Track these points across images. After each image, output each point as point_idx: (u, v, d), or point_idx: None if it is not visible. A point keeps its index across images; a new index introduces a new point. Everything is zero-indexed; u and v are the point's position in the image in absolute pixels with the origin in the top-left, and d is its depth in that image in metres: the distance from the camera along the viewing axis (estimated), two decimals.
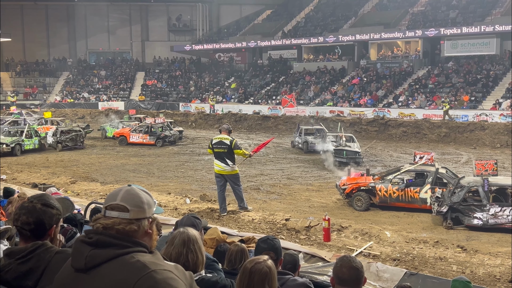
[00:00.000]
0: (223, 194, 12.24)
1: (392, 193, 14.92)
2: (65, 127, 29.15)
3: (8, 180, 16.30)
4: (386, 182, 15.21)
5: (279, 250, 4.27)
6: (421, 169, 15.37)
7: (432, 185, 14.58)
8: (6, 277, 2.48)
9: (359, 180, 15.70)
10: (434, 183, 14.65)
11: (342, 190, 15.62)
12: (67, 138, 27.87)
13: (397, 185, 14.99)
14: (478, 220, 12.76)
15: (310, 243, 9.70)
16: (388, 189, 14.99)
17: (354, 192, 15.31)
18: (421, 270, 8.13)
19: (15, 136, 25.05)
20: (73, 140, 28.16)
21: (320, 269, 7.32)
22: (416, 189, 14.70)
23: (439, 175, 14.83)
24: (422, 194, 14.61)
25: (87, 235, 2.11)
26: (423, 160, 15.67)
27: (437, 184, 14.71)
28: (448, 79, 37.70)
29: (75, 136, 28.31)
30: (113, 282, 1.98)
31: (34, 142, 25.60)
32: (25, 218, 2.55)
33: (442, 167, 15.95)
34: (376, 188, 15.09)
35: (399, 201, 14.88)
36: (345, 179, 16.06)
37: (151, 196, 2.22)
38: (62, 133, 27.97)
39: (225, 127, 12.41)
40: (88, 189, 15.18)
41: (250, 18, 56.82)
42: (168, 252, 3.25)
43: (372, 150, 27.44)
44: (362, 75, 41.95)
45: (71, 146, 27.85)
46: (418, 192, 14.65)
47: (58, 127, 29.02)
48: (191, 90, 49.10)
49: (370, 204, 15.20)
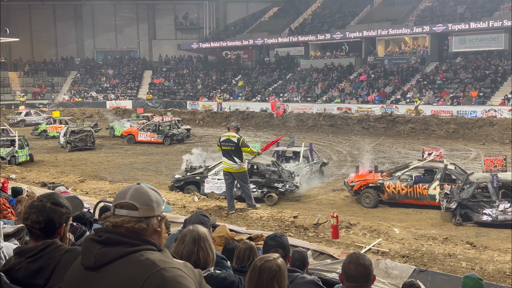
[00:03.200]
0: (231, 191, 12.25)
1: (401, 190, 14.90)
2: (76, 128, 28.66)
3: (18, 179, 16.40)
4: (394, 178, 15.17)
5: (287, 247, 4.27)
6: (430, 165, 15.33)
7: (441, 181, 14.54)
8: (17, 275, 2.50)
9: (367, 177, 15.65)
10: (443, 179, 14.60)
11: (350, 187, 15.60)
12: (77, 139, 27.56)
13: (406, 182, 14.94)
14: (487, 216, 12.71)
15: (319, 240, 9.69)
16: (397, 185, 14.97)
17: (362, 189, 15.32)
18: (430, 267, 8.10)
19: (8, 147, 23.00)
20: (82, 140, 27.77)
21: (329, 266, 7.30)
22: (425, 185, 14.66)
23: (448, 171, 14.77)
24: (431, 191, 14.56)
25: (97, 233, 2.12)
26: (432, 156, 15.62)
27: (445, 180, 14.66)
28: (456, 75, 37.49)
29: (85, 136, 27.89)
30: (122, 280, 1.99)
31: (26, 153, 23.32)
32: (35, 217, 2.57)
33: (451, 163, 15.90)
34: (385, 184, 15.07)
35: (408, 198, 14.86)
36: (353, 176, 16.03)
37: (160, 194, 2.23)
38: (72, 133, 27.74)
39: (233, 125, 12.43)
40: (97, 188, 15.24)
41: (256, 16, 56.75)
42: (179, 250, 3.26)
43: (380, 147, 27.37)
44: (369, 72, 41.80)
45: (80, 146, 27.51)
46: (427, 189, 14.61)
47: (68, 127, 28.74)
48: (199, 88, 49.15)
49: (378, 201, 15.18)
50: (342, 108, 37.15)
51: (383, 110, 34.94)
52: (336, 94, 40.00)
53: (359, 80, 41.33)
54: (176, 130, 30.33)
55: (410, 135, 31.16)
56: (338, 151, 26.58)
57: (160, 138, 29.29)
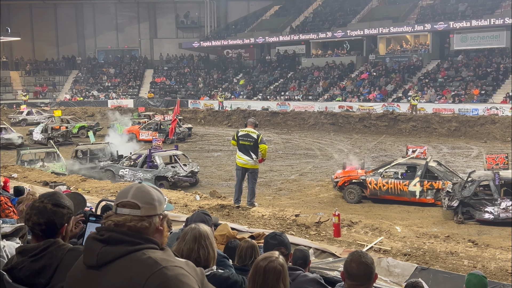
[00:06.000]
0: (241, 185, 12.25)
1: (382, 186, 15.13)
2: (54, 124, 30.51)
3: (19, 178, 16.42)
4: (376, 175, 15.37)
5: (288, 244, 4.29)
6: (412, 162, 15.56)
7: (421, 178, 14.70)
8: (19, 274, 2.50)
9: (351, 173, 15.95)
10: (424, 176, 14.74)
11: (335, 182, 15.86)
12: (58, 134, 29.55)
13: (388, 178, 15.12)
14: (489, 214, 12.70)
15: (320, 239, 9.68)
16: (378, 182, 15.18)
17: (346, 184, 15.60)
18: (432, 265, 8.10)
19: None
20: (63, 136, 29.76)
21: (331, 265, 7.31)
22: (406, 182, 14.83)
23: (429, 168, 14.88)
24: (411, 187, 14.76)
25: (99, 232, 2.12)
26: (416, 153, 15.90)
27: (427, 177, 14.79)
28: (457, 73, 37.44)
29: (66, 132, 29.95)
30: (124, 279, 2.00)
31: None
32: (36, 218, 2.57)
33: (434, 161, 16.06)
34: (367, 181, 15.32)
35: (389, 194, 15.09)
36: (340, 172, 16.34)
37: (161, 193, 2.23)
38: (53, 130, 29.53)
39: (251, 121, 12.40)
40: (99, 187, 15.25)
41: (258, 14, 56.70)
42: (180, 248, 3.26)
43: (382, 145, 27.35)
44: (371, 70, 41.76)
45: (61, 141, 29.06)
46: (407, 185, 14.77)
47: (47, 124, 30.36)
48: (200, 87, 49.15)
49: (362, 196, 15.41)
50: (344, 106, 37.12)
51: (385, 108, 34.89)
52: (337, 93, 39.96)
53: (361, 78, 41.29)
54: (178, 129, 30.32)
55: (412, 133, 31.14)
56: (340, 149, 26.57)
57: (161, 137, 29.26)
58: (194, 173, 18.44)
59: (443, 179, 14.62)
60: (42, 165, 19.58)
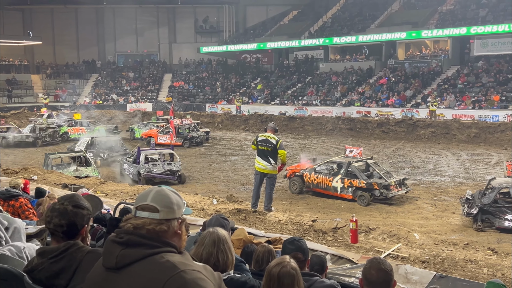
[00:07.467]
0: (259, 190, 12.25)
1: (314, 180, 16.79)
2: (42, 125, 32.08)
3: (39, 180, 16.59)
4: (311, 170, 16.95)
5: (306, 250, 4.26)
6: (340, 161, 17.15)
7: (343, 176, 16.10)
8: (39, 276, 2.53)
9: (297, 166, 17.96)
10: (345, 174, 16.12)
11: (285, 173, 17.53)
12: (46, 135, 31.08)
13: (318, 173, 16.80)
14: (509, 222, 12.51)
15: (337, 245, 9.64)
16: (311, 176, 16.83)
17: (292, 176, 17.47)
18: (451, 273, 8.00)
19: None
20: (51, 136, 31.30)
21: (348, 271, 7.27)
22: (331, 178, 16.41)
23: (350, 168, 16.17)
24: (334, 183, 16.27)
25: (118, 235, 2.14)
26: (353, 153, 17.28)
27: (348, 175, 16.12)
28: (478, 79, 37.05)
29: (53, 132, 31.57)
30: (143, 282, 2.01)
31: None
32: (57, 220, 2.60)
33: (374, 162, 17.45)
34: (304, 174, 17.02)
35: (318, 187, 16.72)
36: (295, 165, 18.30)
37: (180, 197, 2.24)
38: (41, 130, 31.08)
39: (271, 126, 12.44)
40: (117, 189, 15.35)
41: (276, 19, 56.76)
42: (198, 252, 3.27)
43: (400, 151, 27.14)
44: (389, 75, 41.52)
45: (49, 141, 30.89)
46: (331, 181, 16.33)
47: (36, 125, 31.91)
48: (218, 91, 49.32)
49: (303, 188, 17.02)
50: (362, 112, 36.95)
51: (403, 114, 34.65)
52: (355, 98, 39.80)
53: (379, 83, 41.06)
54: (195, 133, 30.48)
55: (431, 139, 30.84)
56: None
57: (179, 141, 29.44)
58: (173, 172, 19.26)
59: (361, 178, 15.77)
60: (76, 169, 19.91)
